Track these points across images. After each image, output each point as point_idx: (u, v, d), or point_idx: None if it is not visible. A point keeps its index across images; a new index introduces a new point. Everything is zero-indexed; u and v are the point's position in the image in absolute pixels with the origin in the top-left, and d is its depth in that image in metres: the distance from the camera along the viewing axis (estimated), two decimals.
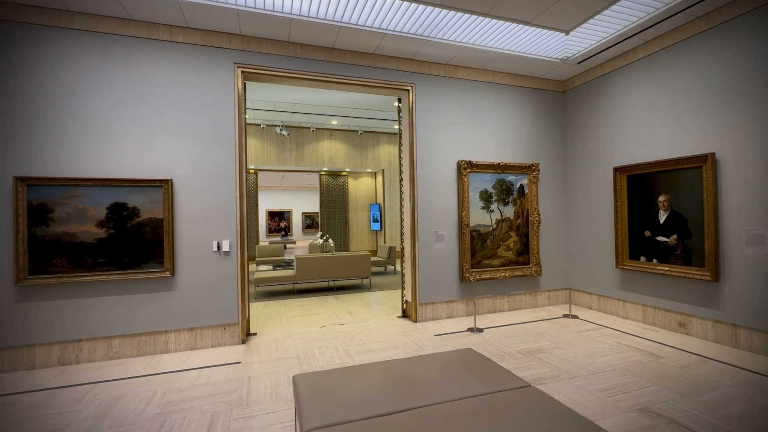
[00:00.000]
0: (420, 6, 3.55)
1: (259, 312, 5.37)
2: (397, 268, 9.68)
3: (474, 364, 2.28)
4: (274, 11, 3.59)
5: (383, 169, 11.12)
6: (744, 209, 3.51)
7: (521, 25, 3.88)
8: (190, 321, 3.83)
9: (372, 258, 8.73)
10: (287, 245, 17.48)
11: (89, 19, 3.56)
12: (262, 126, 9.28)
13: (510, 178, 5.14)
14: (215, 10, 3.53)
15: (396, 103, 7.23)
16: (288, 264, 9.69)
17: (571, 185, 5.45)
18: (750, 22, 3.44)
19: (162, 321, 3.75)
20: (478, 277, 4.89)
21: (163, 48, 3.79)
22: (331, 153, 10.16)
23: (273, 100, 7.32)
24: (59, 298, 3.48)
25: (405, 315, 4.97)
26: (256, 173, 11.34)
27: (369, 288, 7.07)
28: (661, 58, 4.20)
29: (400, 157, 5.02)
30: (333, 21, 3.78)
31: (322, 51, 4.32)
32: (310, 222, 19.52)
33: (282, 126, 9.15)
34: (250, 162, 9.41)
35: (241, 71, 4.04)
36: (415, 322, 4.69)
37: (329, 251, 9.62)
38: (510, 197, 5.14)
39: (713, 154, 3.67)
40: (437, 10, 3.62)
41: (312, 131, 9.83)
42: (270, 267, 9.98)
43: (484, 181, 5.01)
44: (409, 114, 4.72)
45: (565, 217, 5.53)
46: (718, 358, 3.37)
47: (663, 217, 4.19)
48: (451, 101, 4.91)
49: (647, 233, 4.35)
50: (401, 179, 4.99)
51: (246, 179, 4.13)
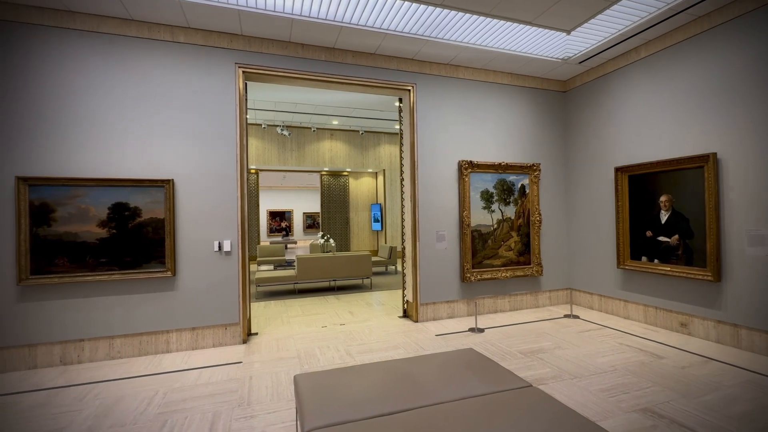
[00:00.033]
0: (421, 6, 3.55)
1: (260, 312, 5.38)
2: (398, 268, 9.68)
3: (475, 364, 2.27)
4: (275, 11, 3.59)
5: (384, 169, 11.12)
6: (746, 209, 3.50)
7: (522, 25, 3.88)
8: (191, 321, 3.84)
9: (373, 258, 8.73)
10: (288, 245, 17.49)
11: (91, 20, 3.57)
12: (263, 126, 9.29)
13: (511, 178, 5.14)
14: (216, 10, 3.53)
15: (397, 103, 7.22)
16: (289, 264, 9.70)
17: (573, 185, 5.44)
18: (752, 21, 3.43)
19: (163, 321, 3.75)
20: (479, 277, 4.89)
21: (165, 48, 3.80)
22: (332, 153, 10.17)
23: (274, 100, 7.33)
24: (61, 297, 3.48)
25: (406, 315, 4.97)
26: (257, 173, 11.35)
27: (370, 288, 7.07)
28: (663, 57, 4.19)
29: (401, 157, 5.02)
30: (334, 21, 3.78)
31: (323, 51, 4.32)
32: (311, 222, 19.53)
33: (283, 126, 9.16)
34: (251, 162, 9.42)
35: (243, 71, 4.05)
36: (416, 322, 4.69)
37: (330, 251, 9.62)
38: (511, 197, 5.14)
39: (715, 154, 3.67)
40: (438, 10, 3.62)
41: (313, 131, 9.83)
42: (271, 267, 9.99)
43: (485, 181, 5.00)
44: (410, 114, 4.72)
45: (567, 217, 5.52)
46: (719, 358, 3.36)
47: (664, 217, 4.18)
48: (452, 101, 4.91)
49: (649, 233, 4.35)
50: (402, 179, 4.99)
51: (247, 179, 4.14)
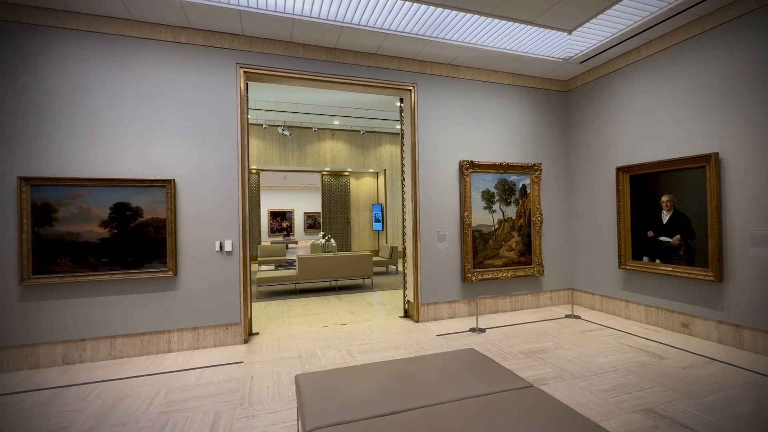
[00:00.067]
0: (422, 6, 3.55)
1: (261, 312, 5.38)
2: (399, 268, 9.68)
3: (476, 364, 2.27)
4: (276, 12, 3.60)
5: (385, 169, 11.12)
6: (748, 209, 3.49)
7: (523, 25, 3.87)
8: (192, 321, 3.84)
9: (374, 258, 8.72)
10: (289, 245, 17.50)
11: (93, 20, 3.58)
12: (264, 126, 9.29)
13: (512, 178, 5.14)
14: (218, 10, 3.54)
15: (398, 103, 7.23)
16: (290, 264, 9.71)
17: (574, 185, 5.43)
18: (754, 21, 3.42)
19: (165, 320, 3.76)
20: (480, 278, 4.89)
21: (166, 48, 3.80)
22: (333, 153, 10.17)
23: (275, 100, 7.34)
24: (63, 297, 3.49)
25: (407, 315, 4.97)
26: (258, 173, 11.36)
27: (371, 288, 7.07)
28: (664, 57, 4.18)
29: (402, 157, 5.02)
30: (335, 21, 3.78)
31: (324, 51, 4.32)
32: (312, 222, 19.54)
33: (284, 126, 9.17)
34: (252, 162, 9.43)
35: (244, 71, 4.05)
36: (417, 322, 4.69)
37: (331, 251, 9.62)
38: (512, 197, 5.13)
39: (716, 154, 3.66)
40: (439, 10, 3.62)
41: (314, 131, 9.84)
42: (272, 267, 10.00)
43: (486, 181, 5.00)
44: (411, 114, 4.72)
45: (568, 217, 5.51)
46: (721, 359, 3.35)
47: (666, 217, 4.17)
48: (453, 101, 4.91)
49: (650, 233, 4.34)
50: (403, 179, 4.99)
51: (248, 179, 4.14)
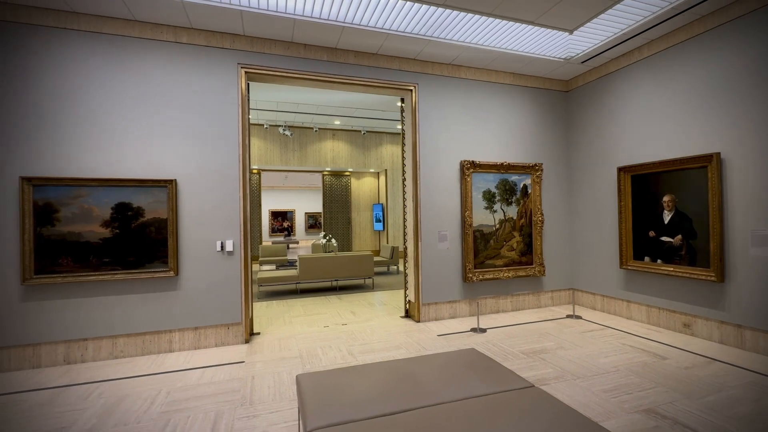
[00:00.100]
0: (423, 6, 3.55)
1: (263, 312, 5.39)
2: (400, 268, 9.68)
3: (477, 364, 2.27)
4: (277, 12, 3.60)
5: (386, 169, 11.12)
6: (749, 209, 3.48)
7: (524, 25, 3.87)
8: (193, 320, 3.85)
9: (375, 258, 8.73)
10: (290, 245, 17.51)
11: (94, 21, 3.59)
12: (265, 126, 9.30)
13: (513, 178, 5.13)
14: (219, 10, 3.54)
15: (399, 103, 7.21)
16: (291, 264, 9.71)
17: (575, 185, 5.43)
18: (756, 20, 3.41)
19: (166, 320, 3.77)
20: (481, 278, 4.88)
21: (167, 49, 3.81)
22: (334, 153, 10.18)
23: (276, 100, 7.34)
24: (64, 297, 3.50)
25: (408, 315, 4.97)
26: (259, 173, 11.38)
27: (372, 288, 7.07)
28: (666, 57, 4.18)
29: (403, 157, 5.02)
30: (336, 21, 3.79)
31: (325, 51, 4.32)
32: (313, 222, 19.55)
33: (285, 126, 9.17)
34: (253, 162, 9.44)
35: (245, 72, 4.06)
36: (418, 322, 4.69)
37: (332, 251, 9.63)
38: (513, 197, 5.13)
39: (718, 153, 3.65)
40: (440, 10, 3.61)
41: (315, 131, 9.84)
42: (273, 267, 10.01)
43: (487, 181, 5.00)
44: (412, 114, 4.72)
45: (569, 217, 5.51)
46: (723, 359, 3.35)
47: (667, 218, 4.16)
48: (454, 101, 4.91)
49: (651, 233, 4.33)
50: (404, 179, 4.99)
51: (249, 179, 4.15)
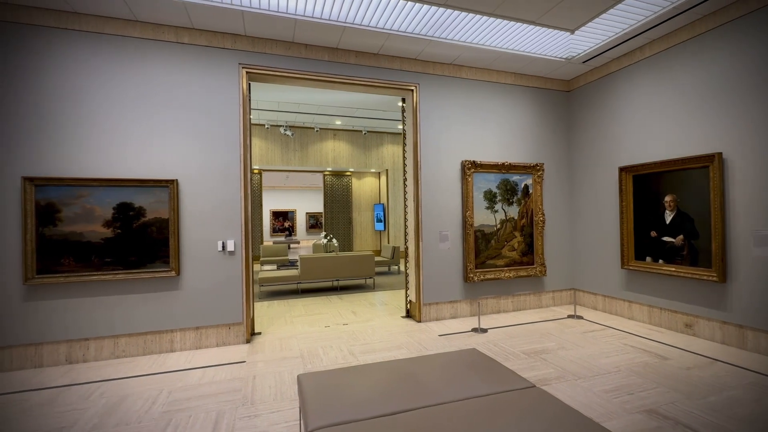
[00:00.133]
0: (424, 6, 3.55)
1: (264, 312, 5.39)
2: (401, 268, 9.68)
3: (478, 364, 2.27)
4: (278, 12, 3.60)
5: (387, 169, 11.12)
6: (752, 209, 3.47)
7: (526, 25, 3.87)
8: (195, 320, 3.85)
9: (376, 258, 8.73)
10: (291, 245, 17.53)
11: (95, 21, 3.60)
12: (266, 126, 9.31)
13: (514, 178, 5.13)
14: (220, 11, 3.55)
15: (400, 103, 7.22)
16: (292, 264, 9.72)
17: (576, 185, 5.42)
18: (756, 20, 3.40)
19: (167, 320, 3.77)
20: (482, 278, 4.88)
21: (169, 49, 3.82)
22: (335, 153, 10.18)
23: (277, 100, 7.35)
24: (66, 297, 3.51)
25: (409, 315, 4.97)
26: (260, 173, 11.39)
27: (373, 288, 7.07)
28: (668, 56, 4.17)
29: (404, 157, 5.02)
30: (337, 21, 3.79)
31: (326, 51, 4.33)
32: (313, 222, 19.56)
33: (286, 126, 9.18)
34: (254, 162, 9.45)
35: (246, 72, 4.06)
36: (419, 322, 4.69)
37: (333, 251, 9.63)
38: (514, 197, 5.12)
39: (720, 153, 3.64)
40: (441, 9, 3.61)
41: (316, 131, 9.85)
42: (274, 267, 10.02)
43: (488, 181, 4.99)
44: (413, 114, 4.72)
45: (570, 218, 5.50)
46: (725, 359, 3.34)
47: (669, 218, 4.15)
48: (456, 101, 4.90)
49: (653, 233, 4.32)
50: (405, 179, 4.99)
51: (250, 179, 4.15)
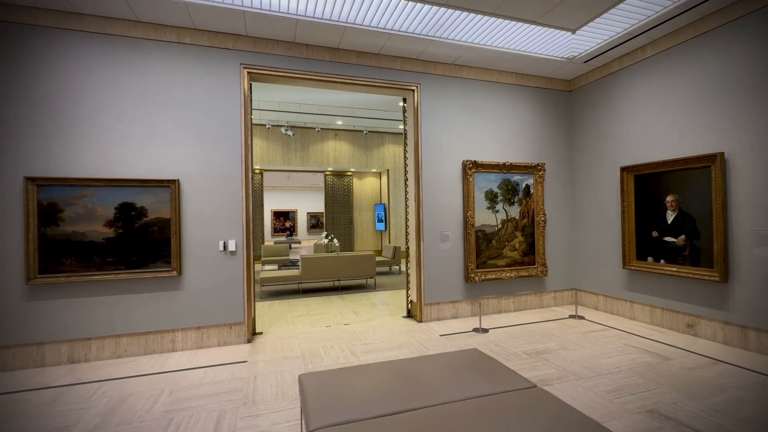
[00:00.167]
0: (425, 6, 3.55)
1: (265, 311, 5.40)
2: (402, 268, 9.68)
3: (479, 364, 2.27)
4: (279, 12, 3.61)
5: (388, 169, 11.12)
6: (754, 209, 3.46)
7: (527, 25, 3.86)
8: (196, 320, 3.86)
9: (377, 258, 8.73)
10: (292, 245, 17.54)
11: (98, 22, 3.60)
12: (267, 126, 9.32)
13: (515, 178, 5.12)
14: (222, 11, 3.55)
15: (401, 103, 7.22)
16: (293, 264, 9.73)
17: (578, 185, 5.41)
18: (759, 19, 3.39)
19: (169, 320, 3.78)
20: (483, 278, 4.88)
21: (171, 49, 3.82)
22: (336, 153, 10.18)
23: (278, 100, 7.36)
24: (68, 296, 3.52)
25: (410, 315, 4.97)
26: (261, 173, 11.40)
27: (374, 288, 7.07)
28: (670, 56, 4.16)
29: (405, 157, 5.02)
30: (338, 21, 3.79)
31: (327, 51, 4.33)
32: (314, 222, 19.57)
33: (287, 126, 9.19)
34: (255, 162, 9.46)
35: (247, 72, 4.07)
36: (420, 322, 4.69)
37: (334, 251, 9.64)
38: (515, 197, 5.12)
39: (722, 153, 3.63)
40: (443, 9, 3.61)
41: (317, 131, 9.86)
42: (275, 267, 10.03)
43: (489, 181, 4.99)
44: (414, 114, 4.72)
45: (571, 218, 5.49)
46: (727, 360, 3.33)
47: (671, 218, 4.15)
48: (457, 101, 4.90)
49: (655, 233, 4.31)
50: (406, 179, 4.99)
51: (252, 179, 4.15)
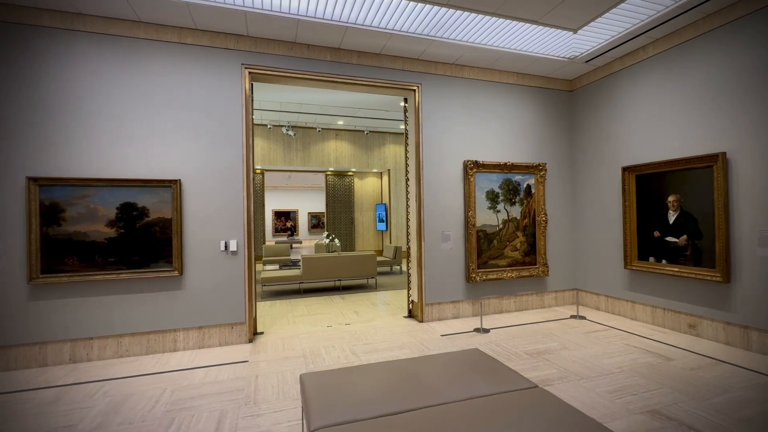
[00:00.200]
0: (426, 6, 3.55)
1: (266, 311, 5.41)
2: (403, 268, 9.68)
3: (480, 364, 2.27)
4: (280, 12, 3.61)
5: (389, 169, 11.12)
6: (756, 209, 3.45)
7: (528, 24, 3.86)
8: (198, 320, 3.87)
9: (378, 258, 8.74)
10: (293, 245, 17.55)
11: (100, 22, 3.61)
12: (268, 126, 9.33)
13: (517, 177, 5.12)
14: (223, 11, 3.56)
15: (402, 103, 7.22)
16: (294, 264, 9.74)
17: (579, 185, 5.40)
18: (761, 19, 3.38)
19: (170, 320, 3.79)
20: (484, 278, 4.87)
21: (172, 50, 3.83)
22: (337, 153, 10.19)
23: (279, 100, 7.36)
24: (70, 296, 3.53)
25: (411, 315, 4.97)
26: (262, 173, 11.41)
27: (375, 288, 7.07)
28: (671, 56, 4.15)
29: (406, 157, 5.02)
30: (339, 21, 3.79)
31: (328, 51, 4.33)
32: (316, 222, 19.59)
33: (288, 126, 9.20)
34: (256, 162, 9.47)
35: (249, 72, 4.07)
36: (421, 322, 4.69)
37: (335, 251, 9.64)
38: (517, 197, 5.11)
39: (724, 153, 3.62)
40: (444, 9, 3.61)
41: (318, 131, 9.86)
42: (276, 266, 10.04)
43: (490, 181, 4.99)
44: (416, 114, 4.72)
45: (573, 218, 5.48)
46: (729, 360, 3.32)
47: (672, 218, 4.14)
48: (458, 101, 4.90)
49: (656, 233, 4.30)
50: (407, 179, 4.99)
51: (253, 179, 4.16)
